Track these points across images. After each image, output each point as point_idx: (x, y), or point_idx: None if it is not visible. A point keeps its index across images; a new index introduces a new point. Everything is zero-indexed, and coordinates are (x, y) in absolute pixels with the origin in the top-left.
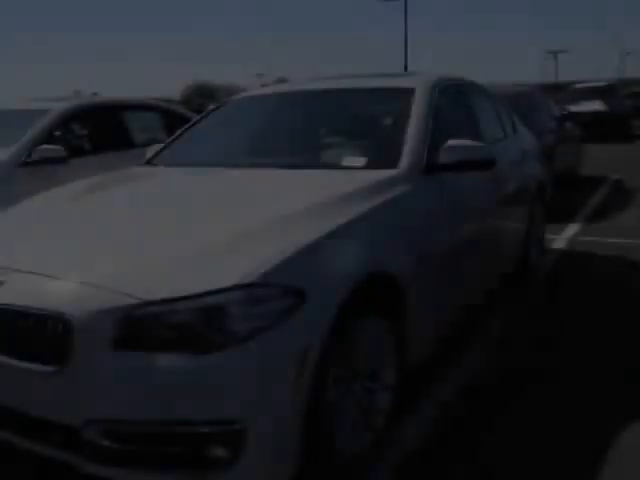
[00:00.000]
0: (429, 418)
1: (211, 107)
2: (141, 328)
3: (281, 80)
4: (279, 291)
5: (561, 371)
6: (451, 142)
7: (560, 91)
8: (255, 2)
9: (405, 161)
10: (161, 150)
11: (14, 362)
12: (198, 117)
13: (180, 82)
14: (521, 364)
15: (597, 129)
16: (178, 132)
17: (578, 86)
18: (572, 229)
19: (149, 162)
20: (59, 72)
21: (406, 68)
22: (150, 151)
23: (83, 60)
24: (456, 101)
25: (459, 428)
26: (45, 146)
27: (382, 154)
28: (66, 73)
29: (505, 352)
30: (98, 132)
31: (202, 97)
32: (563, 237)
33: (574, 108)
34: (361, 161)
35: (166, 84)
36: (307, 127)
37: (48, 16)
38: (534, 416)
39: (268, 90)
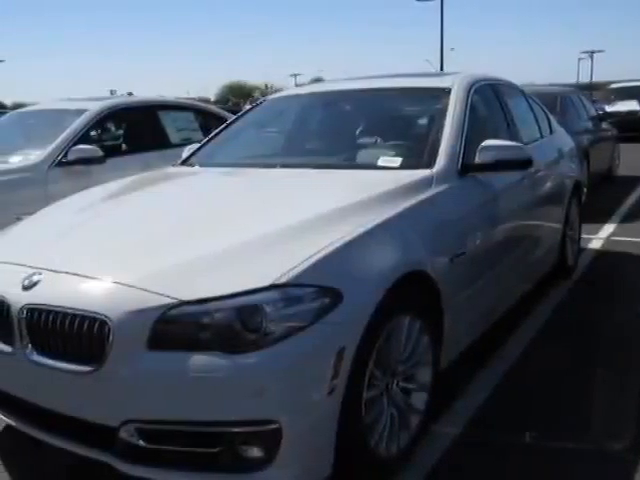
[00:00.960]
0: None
1: (247, 107)
2: (177, 328)
3: (317, 80)
4: (314, 291)
5: None
6: (487, 142)
7: (595, 91)
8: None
9: (441, 161)
10: (197, 150)
11: (50, 362)
12: (234, 117)
13: (216, 81)
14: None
15: (633, 129)
16: (214, 132)
17: (614, 86)
18: (608, 229)
19: (185, 162)
20: (94, 72)
21: (442, 67)
22: (186, 151)
23: (118, 59)
24: (492, 101)
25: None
26: (81, 146)
27: (418, 154)
28: (101, 73)
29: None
30: (134, 132)
31: (237, 96)
32: (599, 237)
33: (610, 108)
34: (397, 161)
35: (201, 84)
36: (342, 127)
37: (83, 15)
38: None
39: (304, 90)
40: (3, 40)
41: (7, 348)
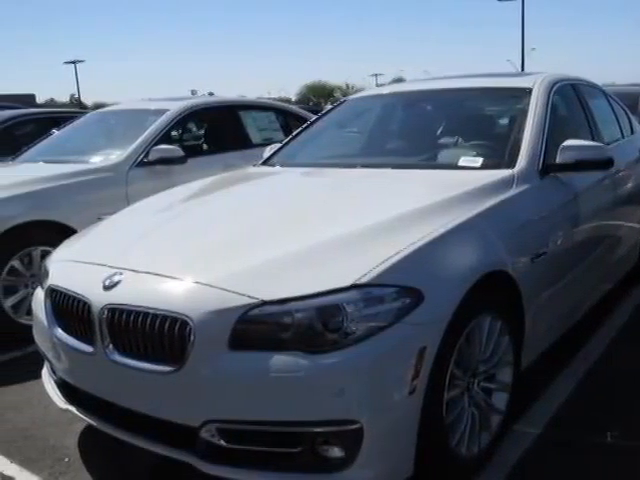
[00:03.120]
0: None
1: (328, 107)
2: (258, 328)
3: (397, 80)
4: (395, 291)
5: None
6: (568, 142)
7: None
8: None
9: (522, 161)
10: (278, 150)
11: (131, 362)
12: (315, 117)
13: (296, 81)
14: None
15: None
16: (295, 132)
17: None
18: None
19: (266, 162)
20: (175, 72)
21: (523, 68)
22: (267, 151)
23: (199, 60)
24: (573, 101)
25: None
26: (162, 146)
27: (499, 154)
28: (182, 73)
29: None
30: (215, 132)
31: (318, 96)
32: None
33: None
34: (478, 161)
35: (282, 83)
36: (423, 127)
37: (164, 15)
38: None
39: (385, 90)
40: (84, 40)
41: (88, 348)
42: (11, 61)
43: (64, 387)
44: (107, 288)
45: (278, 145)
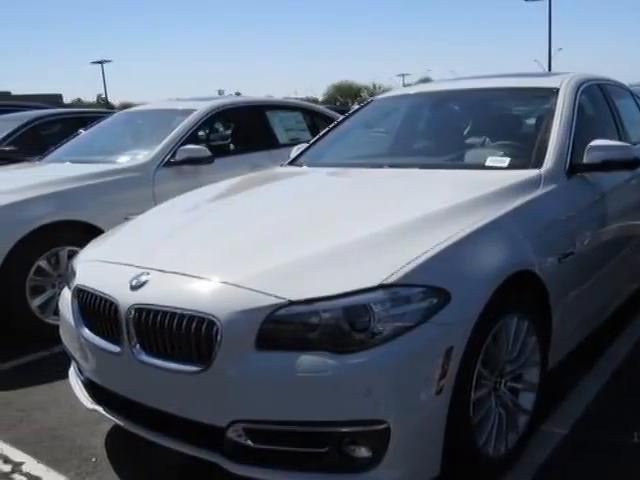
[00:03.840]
0: None
1: (355, 107)
2: (285, 328)
3: (424, 80)
4: (422, 291)
5: None
6: (595, 142)
7: None
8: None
9: (549, 161)
10: (305, 150)
11: (158, 362)
12: (342, 117)
13: (323, 81)
14: None
15: None
16: (322, 132)
17: None
18: None
19: (293, 162)
20: (201, 72)
21: (550, 68)
22: (294, 151)
23: (226, 60)
24: (600, 101)
25: None
26: (189, 146)
27: (526, 154)
28: (208, 73)
29: None
30: (242, 132)
31: (345, 96)
32: None
33: None
34: (505, 161)
35: (309, 84)
36: (450, 127)
37: (190, 15)
38: None
39: (411, 90)
40: (111, 40)
41: (115, 348)
42: (38, 61)
43: (91, 387)
44: (134, 288)
45: (305, 145)
